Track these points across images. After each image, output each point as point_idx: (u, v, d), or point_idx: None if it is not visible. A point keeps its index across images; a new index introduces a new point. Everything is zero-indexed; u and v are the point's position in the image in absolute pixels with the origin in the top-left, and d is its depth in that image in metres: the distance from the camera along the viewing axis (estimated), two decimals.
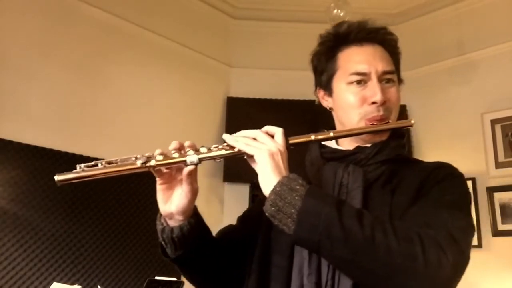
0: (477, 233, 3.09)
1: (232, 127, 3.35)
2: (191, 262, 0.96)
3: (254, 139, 0.83)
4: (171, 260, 0.95)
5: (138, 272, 2.66)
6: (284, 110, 3.34)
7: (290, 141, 0.86)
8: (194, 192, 0.89)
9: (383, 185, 0.90)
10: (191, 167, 0.84)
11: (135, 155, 0.83)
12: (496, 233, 3.00)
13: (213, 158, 0.84)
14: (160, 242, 0.94)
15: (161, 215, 0.93)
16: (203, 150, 0.84)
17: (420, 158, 1.05)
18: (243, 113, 3.31)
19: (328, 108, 1.04)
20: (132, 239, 2.67)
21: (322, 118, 1.10)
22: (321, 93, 1.05)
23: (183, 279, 2.77)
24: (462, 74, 3.36)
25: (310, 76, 1.12)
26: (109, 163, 0.83)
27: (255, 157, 0.81)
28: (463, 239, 0.78)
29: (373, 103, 0.94)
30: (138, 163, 0.82)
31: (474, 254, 0.85)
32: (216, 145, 0.85)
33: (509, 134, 3.07)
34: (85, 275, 2.43)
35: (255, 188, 3.32)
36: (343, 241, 0.72)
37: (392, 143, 0.96)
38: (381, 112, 0.95)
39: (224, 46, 3.56)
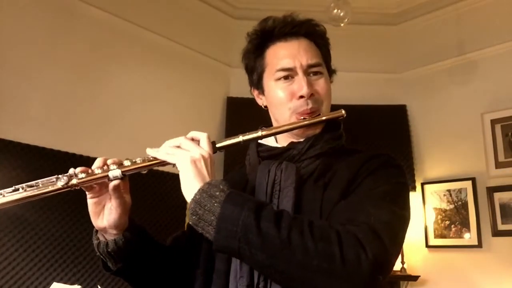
0: (477, 233, 3.09)
1: (232, 127, 3.36)
2: (133, 274, 0.95)
3: (179, 146, 0.83)
4: (113, 273, 0.93)
5: None
6: None
7: (218, 145, 0.86)
8: (124, 206, 0.89)
9: (315, 180, 0.88)
10: (115, 182, 0.84)
11: (56, 176, 0.82)
12: (496, 233, 3.00)
13: (137, 170, 0.84)
14: (100, 256, 0.93)
15: (96, 230, 0.93)
16: (126, 163, 0.84)
17: (421, 159, 1.05)
18: (243, 113, 3.30)
19: (263, 106, 1.05)
20: None
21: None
22: (255, 92, 1.06)
23: None
24: (462, 74, 3.36)
25: None
26: (30, 186, 0.82)
27: (177, 165, 0.80)
28: (386, 234, 0.74)
29: (301, 97, 0.94)
30: (60, 184, 0.81)
31: (474, 254, 0.84)
32: (141, 158, 0.84)
33: (509, 134, 3.07)
34: (85, 275, 2.43)
35: None
36: (260, 246, 0.71)
37: (325, 136, 0.95)
38: (310, 105, 0.94)
39: (224, 46, 3.56)
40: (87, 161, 2.55)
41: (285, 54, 0.97)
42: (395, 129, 3.52)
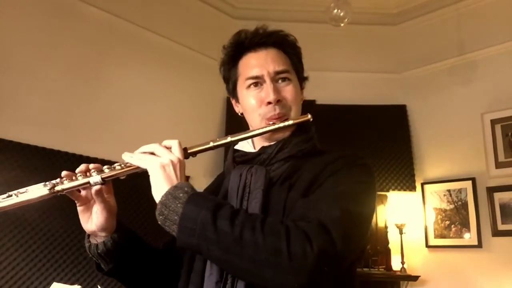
0: (477, 233, 3.09)
1: (232, 127, 3.36)
2: (125, 274, 1.01)
3: (153, 153, 0.88)
4: (105, 273, 0.99)
5: None
6: None
7: (189, 150, 0.91)
8: (109, 210, 0.94)
9: (282, 182, 0.92)
10: (96, 187, 0.90)
11: (44, 182, 0.89)
12: (496, 233, 3.00)
13: (116, 176, 0.89)
14: (93, 259, 1.00)
15: (88, 234, 0.99)
16: (106, 170, 0.89)
17: (421, 159, 1.05)
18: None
19: (240, 114, 1.10)
20: None
21: (322, 117, 1.11)
22: (233, 100, 1.12)
23: None
24: (462, 74, 3.36)
25: (310, 76, 1.15)
26: (21, 192, 0.89)
27: (148, 170, 0.86)
28: (336, 229, 0.77)
29: (269, 103, 0.99)
30: (46, 190, 0.88)
31: (474, 254, 0.84)
32: (120, 164, 0.89)
33: (509, 134, 3.07)
34: (85, 275, 2.43)
35: None
36: (216, 242, 0.76)
37: (294, 139, 0.99)
38: (277, 111, 0.98)
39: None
40: (87, 161, 2.55)
41: (254, 64, 1.03)
42: (395, 129, 3.53)
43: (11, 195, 0.89)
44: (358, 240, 0.85)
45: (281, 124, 0.97)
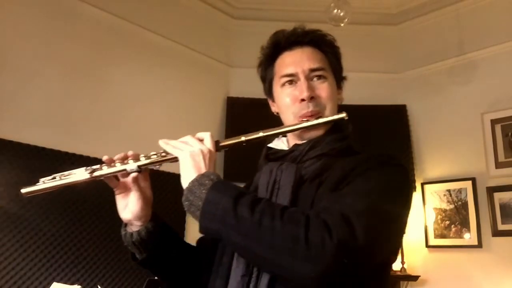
0: (477, 233, 3.09)
1: (232, 127, 3.36)
2: (158, 265, 1.02)
3: (186, 143, 0.91)
4: (138, 263, 1.01)
5: (138, 272, 2.66)
6: None
7: (221, 144, 0.94)
8: (145, 199, 0.98)
9: (312, 180, 0.91)
10: (133, 175, 0.94)
11: (86, 167, 0.93)
12: (496, 233, 3.00)
13: (151, 164, 0.93)
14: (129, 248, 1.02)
15: (125, 223, 1.01)
16: (142, 158, 0.93)
17: (421, 159, 1.05)
18: (243, 113, 3.31)
19: (275, 113, 1.10)
20: None
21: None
22: (269, 100, 1.12)
23: None
24: (462, 74, 3.36)
25: None
26: (65, 175, 0.93)
27: (178, 158, 0.89)
28: (359, 223, 0.74)
29: (302, 100, 0.99)
30: (87, 175, 0.92)
31: (474, 254, 0.83)
32: (155, 153, 0.93)
33: (509, 134, 3.07)
34: (85, 275, 2.43)
35: None
36: (235, 227, 0.77)
37: (328, 137, 0.98)
38: (311, 108, 0.98)
39: (224, 46, 3.56)
40: (87, 161, 2.56)
41: (289, 62, 1.03)
42: (395, 129, 3.52)
43: (55, 177, 0.93)
44: (385, 238, 0.82)
45: (314, 122, 0.97)
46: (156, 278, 2.08)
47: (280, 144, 1.06)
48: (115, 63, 2.87)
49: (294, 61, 1.02)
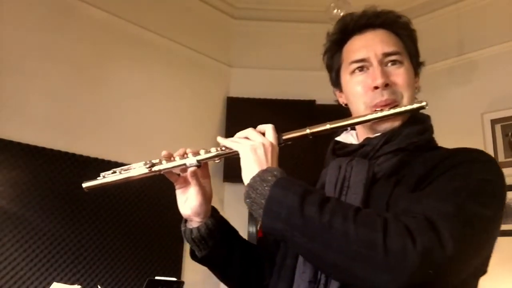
0: None
1: (232, 127, 3.36)
2: (218, 263, 0.99)
3: (247, 137, 0.86)
4: (198, 260, 0.98)
5: (138, 272, 2.66)
6: (284, 110, 3.34)
7: (284, 137, 0.87)
8: (204, 194, 0.93)
9: (388, 177, 0.82)
10: (192, 169, 0.89)
11: (144, 161, 0.91)
12: None
13: (211, 158, 0.89)
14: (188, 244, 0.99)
15: (185, 219, 0.98)
16: (202, 152, 0.89)
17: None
18: (243, 113, 3.31)
19: (344, 105, 1.00)
20: (132, 239, 2.67)
21: (322, 118, 1.09)
22: (336, 91, 1.02)
23: (183, 279, 2.77)
24: (462, 74, 3.36)
25: (310, 76, 1.13)
26: (125, 170, 0.92)
27: (239, 152, 0.84)
28: (447, 227, 0.65)
29: (375, 88, 0.88)
30: (146, 169, 0.90)
31: None
32: (215, 148, 0.89)
33: (509, 134, 3.07)
34: (85, 275, 2.43)
35: None
36: (301, 228, 0.69)
37: (405, 130, 0.87)
38: (385, 97, 0.87)
39: (224, 46, 3.56)
40: (87, 161, 2.56)
41: (359, 46, 0.93)
42: None
43: (115, 171, 0.92)
44: (476, 246, 0.71)
45: (389, 112, 0.86)
46: (156, 278, 2.08)
47: (349, 137, 0.97)
48: (115, 63, 2.86)
49: (365, 45, 0.91)
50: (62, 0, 2.67)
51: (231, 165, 3.17)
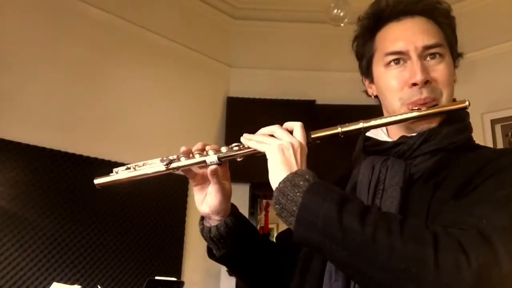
0: None
1: (232, 127, 3.36)
2: (236, 262, 0.94)
3: (272, 135, 0.79)
4: (216, 259, 0.93)
5: (138, 272, 2.66)
6: (284, 110, 3.34)
7: (313, 135, 0.81)
8: (223, 192, 0.88)
9: (426, 180, 0.76)
10: (212, 167, 0.84)
11: (161, 158, 0.85)
12: None
13: (233, 156, 0.83)
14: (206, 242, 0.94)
15: (202, 216, 0.93)
16: (223, 150, 0.84)
17: None
18: (243, 113, 3.31)
19: (373, 96, 0.94)
20: (132, 239, 2.67)
21: (323, 118, 1.08)
22: (366, 81, 0.95)
23: (183, 279, 2.77)
24: (462, 74, 3.35)
25: (310, 76, 1.12)
26: (139, 166, 0.86)
27: (266, 153, 0.77)
28: (502, 242, 0.60)
29: (414, 84, 0.81)
30: (162, 166, 0.84)
31: None
32: (237, 144, 0.83)
33: (509, 134, 3.07)
34: (85, 275, 2.43)
35: (255, 188, 3.32)
36: (341, 241, 0.64)
37: (444, 130, 0.81)
38: (424, 95, 0.81)
39: (224, 46, 3.56)
40: (87, 161, 2.56)
41: (396, 36, 0.85)
42: None
43: (129, 168, 0.86)
44: None
45: (429, 111, 0.80)
46: (156, 278, 2.08)
47: (379, 133, 0.90)
48: (115, 63, 2.87)
49: (404, 36, 0.84)
50: (62, 0, 2.67)
51: (231, 166, 3.17)
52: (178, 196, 2.93)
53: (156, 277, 2.09)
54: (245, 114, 3.25)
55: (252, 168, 0.79)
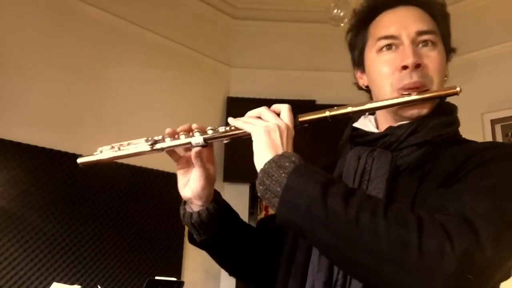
0: None
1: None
2: (217, 248, 0.94)
3: (259, 117, 0.79)
4: (196, 244, 0.92)
5: (138, 272, 2.66)
6: None
7: (301, 119, 0.80)
8: (207, 177, 0.87)
9: (412, 172, 0.76)
10: (197, 149, 0.83)
11: (146, 138, 0.84)
12: None
13: (219, 138, 0.82)
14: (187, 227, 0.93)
15: (184, 200, 0.92)
16: (209, 132, 0.83)
17: None
18: (243, 113, 3.29)
19: (364, 87, 0.92)
20: (132, 239, 2.68)
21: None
22: (357, 73, 0.94)
23: (183, 279, 2.77)
24: (462, 74, 3.36)
25: (310, 76, 1.12)
26: (124, 146, 0.86)
27: (251, 134, 0.77)
28: (486, 228, 0.60)
29: (404, 68, 0.80)
30: (147, 146, 0.83)
31: None
32: (223, 126, 0.82)
33: (509, 134, 3.07)
34: (85, 275, 2.43)
35: (255, 188, 3.32)
36: (324, 223, 0.63)
37: (432, 121, 0.80)
38: (414, 79, 0.80)
39: (224, 46, 3.56)
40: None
41: (389, 21, 0.85)
42: None
43: (113, 147, 0.86)
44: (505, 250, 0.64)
45: (419, 96, 0.79)
46: (156, 278, 2.08)
47: (367, 123, 0.90)
48: (115, 63, 2.87)
49: (396, 21, 0.83)
50: (62, 0, 2.67)
51: (231, 165, 3.17)
52: (178, 196, 2.92)
53: (156, 277, 2.09)
54: (245, 114, 3.25)
55: (252, 168, 0.78)
